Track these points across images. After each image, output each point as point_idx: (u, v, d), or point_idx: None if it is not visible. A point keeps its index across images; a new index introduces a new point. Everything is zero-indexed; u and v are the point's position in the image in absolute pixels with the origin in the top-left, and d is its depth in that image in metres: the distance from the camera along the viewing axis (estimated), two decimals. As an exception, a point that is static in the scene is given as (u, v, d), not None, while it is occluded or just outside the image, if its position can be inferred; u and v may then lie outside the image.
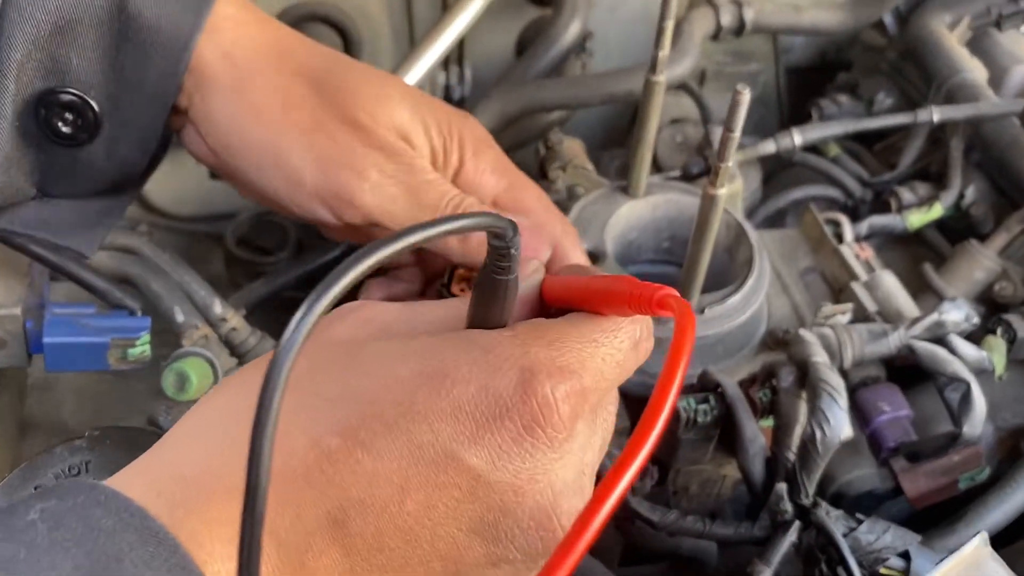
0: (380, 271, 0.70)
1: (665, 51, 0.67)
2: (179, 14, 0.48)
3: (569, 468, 0.38)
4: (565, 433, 0.37)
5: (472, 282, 0.51)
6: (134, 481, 0.34)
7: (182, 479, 0.33)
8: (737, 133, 0.57)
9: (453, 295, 0.52)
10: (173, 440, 0.37)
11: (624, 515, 0.64)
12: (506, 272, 0.38)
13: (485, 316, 0.41)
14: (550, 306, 0.48)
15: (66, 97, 0.47)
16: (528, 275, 0.46)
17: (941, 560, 0.54)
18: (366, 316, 0.41)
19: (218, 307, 0.74)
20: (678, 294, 0.38)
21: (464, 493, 0.35)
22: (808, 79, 1.18)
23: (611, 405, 0.43)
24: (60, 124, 0.48)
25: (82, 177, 0.51)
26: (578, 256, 0.52)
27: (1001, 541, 0.71)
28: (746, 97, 0.55)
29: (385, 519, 0.34)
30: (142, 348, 0.64)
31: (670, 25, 0.65)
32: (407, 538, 0.35)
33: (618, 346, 0.40)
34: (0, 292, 0.62)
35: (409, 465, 0.34)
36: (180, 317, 0.70)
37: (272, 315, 0.88)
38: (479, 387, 0.36)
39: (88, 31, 0.46)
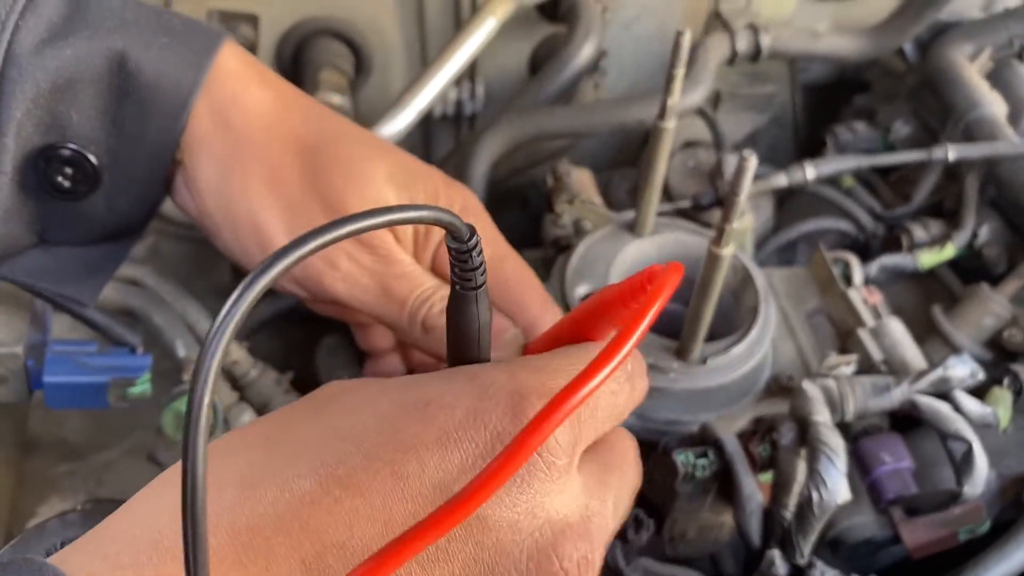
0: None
1: (675, 98, 0.66)
2: (179, 71, 0.47)
3: (572, 506, 0.35)
4: (565, 460, 0.34)
5: None
6: (86, 548, 0.32)
7: (131, 541, 0.32)
8: (742, 197, 0.56)
9: None
10: (130, 505, 0.35)
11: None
12: (472, 281, 0.36)
13: (462, 346, 0.39)
14: None
15: (66, 152, 0.47)
16: (506, 340, 0.45)
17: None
18: (340, 386, 0.40)
19: (220, 339, 0.74)
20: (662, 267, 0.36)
21: (455, 530, 0.32)
22: (825, 98, 1.16)
23: (626, 466, 0.40)
24: (60, 178, 0.47)
25: (82, 228, 0.51)
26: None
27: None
28: (753, 163, 0.54)
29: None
30: (142, 387, 0.65)
31: (680, 73, 0.64)
32: None
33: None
34: (2, 329, 0.62)
35: (394, 501, 0.32)
36: (181, 352, 0.71)
37: (275, 342, 0.89)
38: (466, 413, 0.34)
39: (88, 88, 0.46)
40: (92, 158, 0.48)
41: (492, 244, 0.51)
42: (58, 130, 0.46)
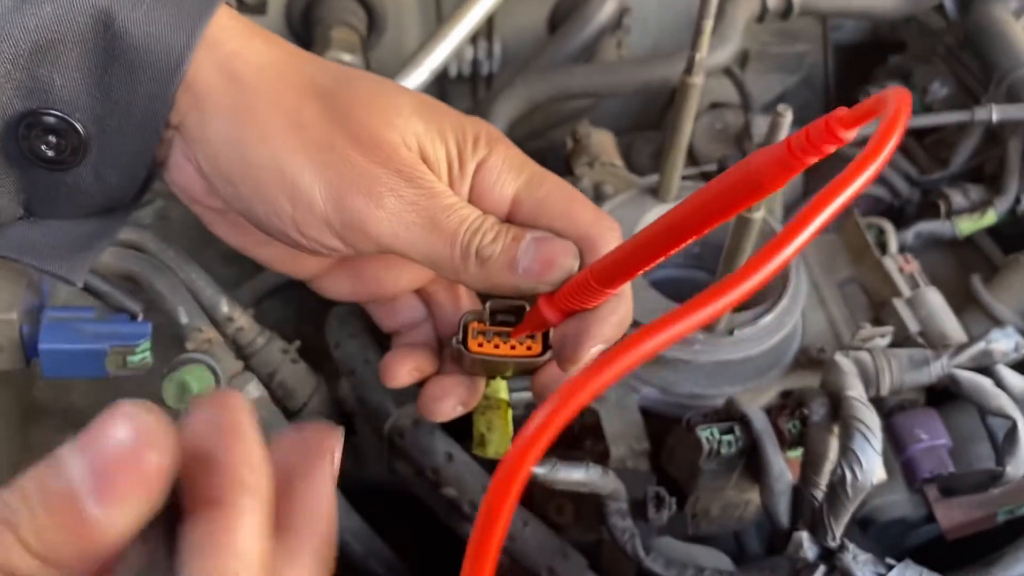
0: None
1: (702, 53, 0.62)
2: (170, 32, 0.43)
3: None
4: None
5: (488, 336, 0.47)
6: None
7: None
8: (776, 157, 0.52)
9: (472, 352, 0.47)
10: None
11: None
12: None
13: None
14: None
15: (49, 119, 0.43)
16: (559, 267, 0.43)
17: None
18: None
19: (224, 306, 0.71)
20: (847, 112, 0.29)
21: None
22: (859, 58, 1.11)
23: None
24: (43, 147, 0.44)
25: (69, 201, 0.47)
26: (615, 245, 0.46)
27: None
28: (788, 119, 0.50)
29: None
30: (142, 355, 0.62)
31: (708, 25, 0.60)
32: None
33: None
34: (-4, 295, 0.60)
35: None
36: (184, 319, 0.68)
37: (274, 307, 0.86)
38: None
39: (71, 50, 0.42)
40: (78, 125, 0.44)
41: (523, 166, 0.47)
42: (40, 94, 0.43)
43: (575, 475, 0.58)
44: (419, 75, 0.87)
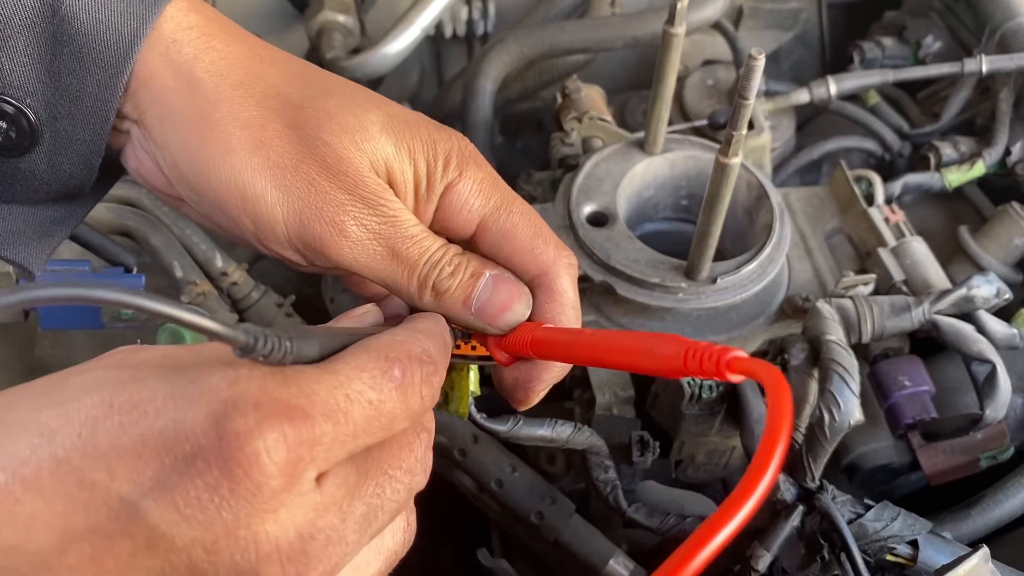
0: None
1: (684, 1, 0.62)
2: (120, 20, 0.42)
3: (288, 526, 0.32)
4: (280, 480, 0.31)
5: (453, 335, 0.47)
6: None
7: None
8: (751, 100, 0.53)
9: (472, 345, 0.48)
10: None
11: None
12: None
13: None
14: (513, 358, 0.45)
15: (2, 105, 0.43)
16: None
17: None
18: (91, 364, 0.35)
19: (219, 261, 0.72)
20: (747, 354, 0.33)
21: (139, 547, 0.30)
22: (855, 15, 1.11)
23: (394, 471, 0.36)
24: None
25: (25, 187, 0.46)
26: (569, 288, 0.47)
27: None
28: (760, 63, 0.51)
29: (40, 570, 0.30)
30: (136, 307, 0.63)
31: (690, -25, 0.60)
32: None
33: (370, 383, 0.34)
34: (-7, 248, 0.61)
35: (76, 510, 0.30)
36: (179, 273, 0.69)
37: (276, 267, 0.87)
38: (168, 421, 0.31)
39: (19, 35, 0.41)
40: (28, 112, 0.43)
41: (492, 191, 0.46)
42: None
43: (539, 431, 0.59)
44: (411, 33, 0.87)
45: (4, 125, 0.43)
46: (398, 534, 0.38)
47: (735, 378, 0.33)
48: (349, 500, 0.34)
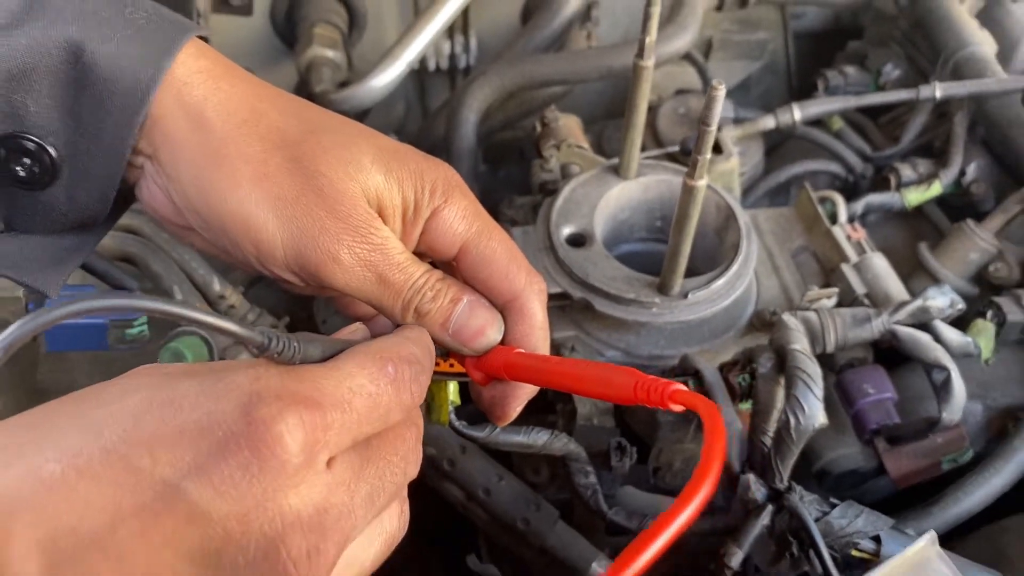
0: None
1: (652, 36, 0.67)
2: (137, 66, 0.46)
3: (307, 500, 0.37)
4: (300, 458, 0.36)
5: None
6: None
7: None
8: (713, 127, 0.57)
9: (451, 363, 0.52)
10: None
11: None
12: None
13: None
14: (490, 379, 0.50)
15: (24, 143, 0.46)
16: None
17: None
18: (120, 380, 0.40)
19: (216, 285, 0.76)
20: (688, 389, 0.39)
21: (180, 522, 0.35)
22: (821, 45, 1.16)
23: (392, 457, 0.42)
24: (18, 169, 0.47)
25: (45, 218, 0.50)
26: (539, 311, 0.52)
27: (987, 518, 0.73)
28: (721, 92, 0.55)
29: (95, 547, 0.34)
30: (139, 329, 0.67)
31: (656, 11, 0.65)
32: (120, 567, 0.34)
33: (369, 378, 0.40)
34: (3, 274, 0.64)
35: (124, 493, 0.34)
36: (179, 296, 0.73)
37: (269, 290, 0.91)
38: (203, 413, 0.36)
39: (43, 78, 0.45)
40: (50, 149, 0.47)
41: (475, 218, 0.51)
42: (15, 119, 0.46)
43: (515, 438, 0.62)
44: (396, 68, 0.92)
45: (28, 161, 0.47)
46: (395, 519, 0.43)
47: (676, 408, 0.39)
48: (355, 481, 0.39)
